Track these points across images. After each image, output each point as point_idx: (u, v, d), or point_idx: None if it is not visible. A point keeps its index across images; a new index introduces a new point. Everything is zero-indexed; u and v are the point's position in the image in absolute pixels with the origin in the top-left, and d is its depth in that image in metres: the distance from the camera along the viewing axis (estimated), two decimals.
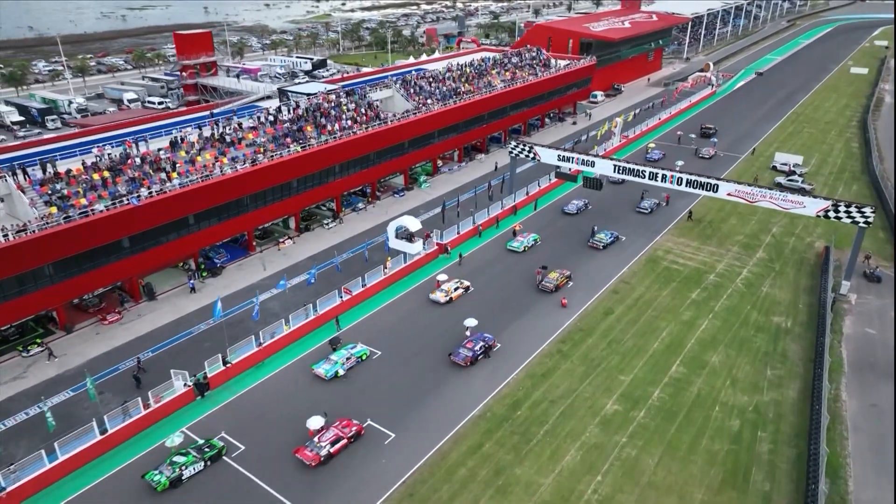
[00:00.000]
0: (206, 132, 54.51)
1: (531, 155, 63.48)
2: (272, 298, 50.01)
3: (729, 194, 53.10)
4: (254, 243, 58.44)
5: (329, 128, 60.27)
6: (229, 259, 56.74)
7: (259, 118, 58.12)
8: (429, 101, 72.00)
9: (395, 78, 75.09)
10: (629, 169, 57.32)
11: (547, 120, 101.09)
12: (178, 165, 49.64)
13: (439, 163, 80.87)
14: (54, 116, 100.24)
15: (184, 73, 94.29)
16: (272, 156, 54.47)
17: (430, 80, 76.29)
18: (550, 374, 41.16)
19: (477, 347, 41.95)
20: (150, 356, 42.64)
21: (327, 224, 63.55)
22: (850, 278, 50.17)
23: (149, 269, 50.33)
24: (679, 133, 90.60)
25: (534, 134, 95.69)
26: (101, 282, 46.81)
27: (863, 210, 47.51)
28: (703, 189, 54.18)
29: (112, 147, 49.59)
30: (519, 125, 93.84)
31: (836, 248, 55.58)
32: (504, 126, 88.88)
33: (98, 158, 47.39)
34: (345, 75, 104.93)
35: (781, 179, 73.46)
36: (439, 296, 48.75)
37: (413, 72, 79.14)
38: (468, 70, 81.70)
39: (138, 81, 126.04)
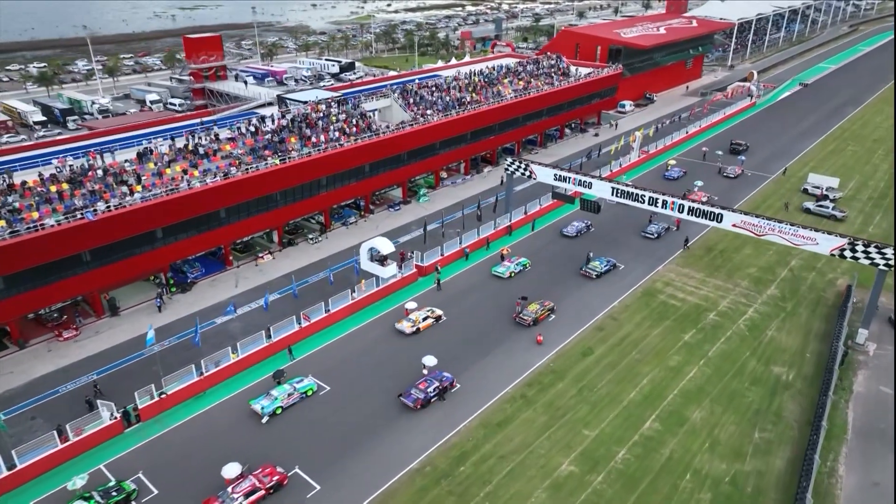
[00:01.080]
0: (181, 143, 52.64)
1: (527, 173, 59.47)
2: (237, 319, 47.74)
3: (734, 225, 47.97)
4: (230, 258, 56.44)
5: (314, 139, 57.71)
6: (203, 273, 54.89)
7: (239, 128, 56.01)
8: (429, 111, 68.70)
9: (394, 87, 72.14)
10: (627, 193, 52.70)
11: (567, 130, 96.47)
12: (143, 178, 47.87)
13: (444, 174, 77.62)
14: (75, 117, 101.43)
15: (191, 77, 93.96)
16: (247, 169, 52.25)
17: (434, 89, 72.99)
18: (507, 423, 37.36)
19: (430, 389, 38.52)
20: (94, 378, 40.77)
21: (312, 239, 61.07)
22: (868, 325, 44.38)
23: (113, 283, 48.73)
24: (704, 149, 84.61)
25: (550, 146, 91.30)
26: (58, 297, 45.39)
27: (883, 251, 41.81)
28: (706, 218, 49.17)
29: (74, 158, 48.21)
30: (534, 136, 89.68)
31: (862, 286, 49.74)
32: (517, 137, 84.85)
33: (58, 170, 46.04)
34: (354, 81, 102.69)
35: (810, 205, 67.08)
36: (405, 326, 45.48)
37: (416, 80, 75.99)
38: (476, 79, 77.99)
39: (165, 83, 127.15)
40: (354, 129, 61.21)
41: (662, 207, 51.29)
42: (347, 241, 61.39)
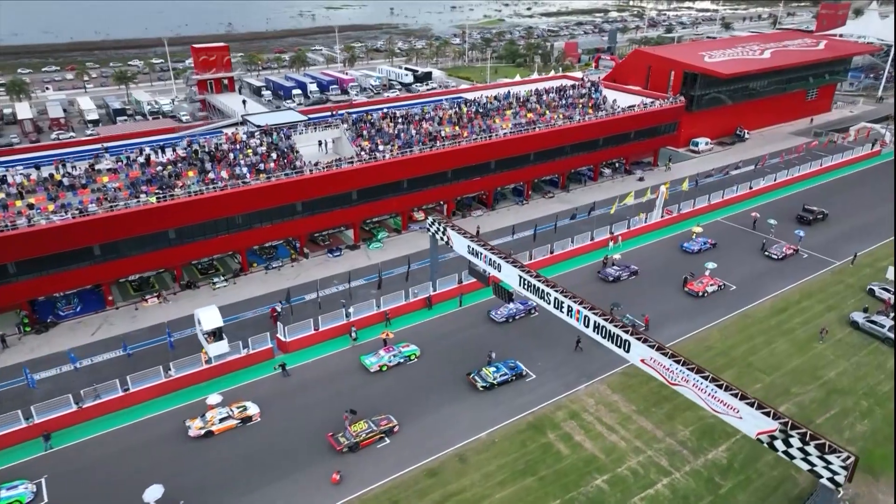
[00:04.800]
0: (47, 171, 48.45)
1: (444, 238, 47.98)
2: (48, 381, 42.35)
3: (643, 361, 33.41)
4: (110, 297, 51.60)
5: (214, 175, 51.00)
6: (77, 312, 50.62)
7: (128, 157, 50.73)
8: (383, 147, 59.16)
9: (350, 115, 63.18)
10: (534, 287, 39.55)
11: (607, 171, 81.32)
12: None
13: (420, 216, 67.53)
14: (125, 117, 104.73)
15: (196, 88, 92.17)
16: (111, 207, 46.72)
17: (402, 119, 63.09)
18: None
19: None
20: None
21: (216, 283, 54.57)
22: None
23: None
24: (755, 215, 65.70)
25: (576, 189, 77.17)
26: None
27: (828, 457, 25.81)
28: (611, 342, 34.94)
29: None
30: (554, 176, 76.22)
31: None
32: (527, 177, 72.22)
33: None
34: (393, 94, 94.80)
35: (859, 317, 48.03)
36: (194, 427, 37.02)
37: (384, 110, 66.37)
38: (464, 109, 66.65)
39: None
40: (272, 164, 53.59)
41: (569, 315, 37.68)
42: (261, 289, 54.22)
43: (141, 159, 50.62)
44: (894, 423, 36.99)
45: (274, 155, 54.39)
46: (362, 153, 57.45)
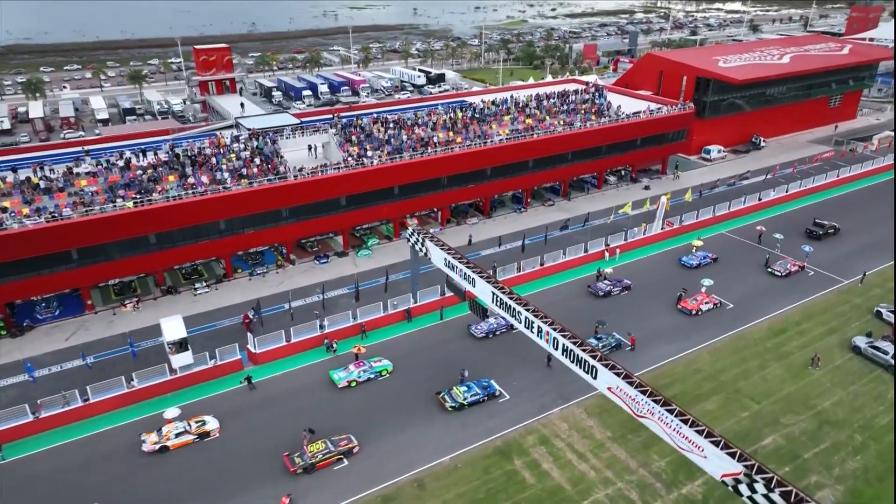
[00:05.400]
0: (24, 174, 48.09)
1: (423, 250, 46.36)
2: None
3: (609, 389, 31.37)
4: (89, 302, 51.13)
5: (194, 180, 50.18)
6: (55, 316, 50.24)
7: (108, 161, 50.16)
8: (371, 152, 57.80)
9: (340, 119, 61.94)
10: (506, 304, 37.72)
11: (612, 178, 78.84)
12: None
13: (412, 222, 65.96)
14: (134, 117, 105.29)
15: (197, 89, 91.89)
16: (86, 211, 46.13)
17: (393, 125, 61.67)
18: None
19: None
20: None
21: (197, 289, 53.78)
22: None
23: None
24: (760, 228, 62.71)
25: (578, 197, 74.93)
26: None
27: None
28: (578, 366, 32.94)
29: None
30: (556, 183, 74.08)
31: None
32: (525, 185, 70.24)
33: None
34: (400, 98, 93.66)
35: (861, 342, 45.13)
36: (149, 442, 36.03)
37: (374, 114, 64.99)
38: (460, 115, 64.96)
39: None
40: (255, 169, 52.59)
41: (538, 335, 35.76)
42: (242, 296, 53.27)
43: (120, 163, 49.96)
44: (894, 458, 34.59)
45: (257, 160, 53.38)
46: (349, 159, 56.07)
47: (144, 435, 36.57)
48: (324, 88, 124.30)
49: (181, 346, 40.60)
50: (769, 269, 56.01)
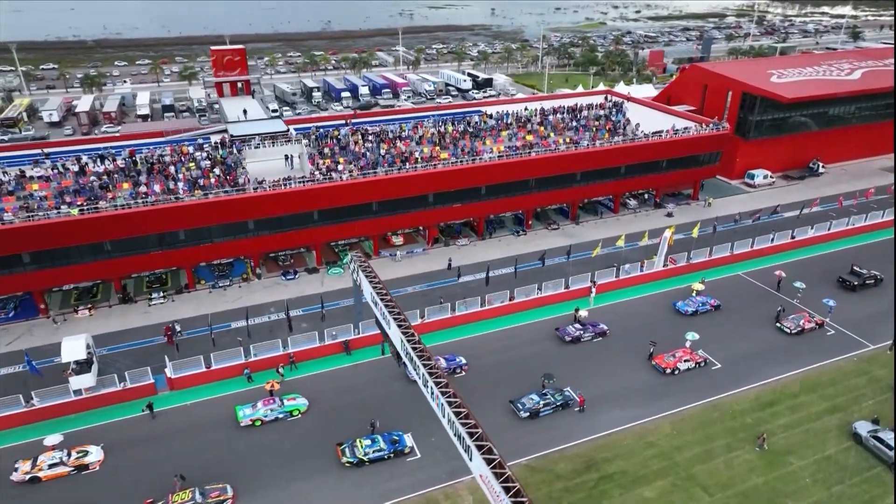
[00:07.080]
0: None
1: (358, 280, 42.35)
2: None
3: (481, 477, 26.25)
4: (42, 306, 50.77)
5: (145, 189, 48.64)
6: (7, 318, 50.21)
7: (63, 165, 49.43)
8: (343, 166, 54.45)
9: (318, 130, 58.80)
10: (409, 355, 33.10)
11: (633, 202, 71.68)
12: None
13: (398, 240, 62.44)
14: (172, 113, 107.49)
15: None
16: (29, 217, 45.38)
17: (373, 137, 57.97)
18: None
19: None
20: None
21: (153, 299, 52.41)
22: None
23: None
24: (779, 273, 54.13)
25: (588, 221, 68.55)
26: None
27: None
28: (458, 441, 27.92)
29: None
30: (563, 205, 68.10)
31: None
32: (526, 205, 64.80)
33: None
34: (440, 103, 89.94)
35: (864, 428, 37.08)
36: (20, 471, 34.15)
37: (351, 125, 61.30)
38: (450, 129, 60.35)
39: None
40: (213, 180, 50.49)
41: (431, 396, 30.96)
42: (196, 310, 51.51)
43: (75, 168, 49.17)
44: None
45: (217, 170, 51.24)
46: (316, 172, 52.94)
47: (19, 463, 34.83)
48: (364, 90, 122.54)
49: (84, 366, 38.74)
50: (778, 325, 48.03)
